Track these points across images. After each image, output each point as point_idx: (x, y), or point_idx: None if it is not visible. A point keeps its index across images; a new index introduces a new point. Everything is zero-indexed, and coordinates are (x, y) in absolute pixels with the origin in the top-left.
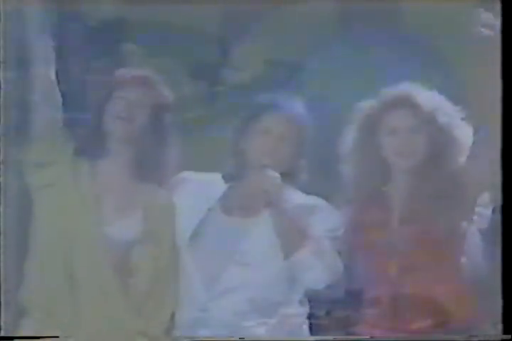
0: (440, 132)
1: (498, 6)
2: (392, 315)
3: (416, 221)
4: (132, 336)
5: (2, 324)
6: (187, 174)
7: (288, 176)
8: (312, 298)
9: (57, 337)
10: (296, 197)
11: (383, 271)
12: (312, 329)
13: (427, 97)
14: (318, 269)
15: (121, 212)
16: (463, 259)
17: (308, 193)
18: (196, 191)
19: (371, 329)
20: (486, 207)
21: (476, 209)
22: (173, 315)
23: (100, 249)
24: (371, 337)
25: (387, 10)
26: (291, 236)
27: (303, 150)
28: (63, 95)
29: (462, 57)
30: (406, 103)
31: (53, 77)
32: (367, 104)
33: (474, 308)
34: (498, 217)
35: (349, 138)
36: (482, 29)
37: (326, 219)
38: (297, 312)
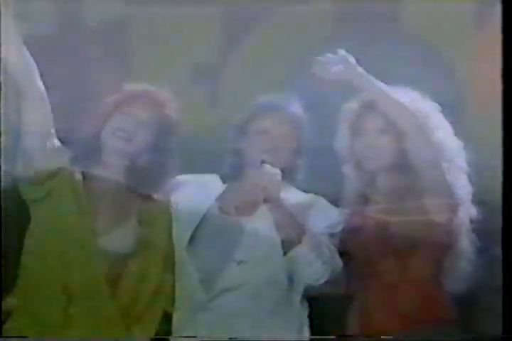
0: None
1: (498, 6)
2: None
3: (394, 224)
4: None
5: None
6: (184, 177)
7: (286, 175)
8: (312, 297)
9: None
10: (294, 195)
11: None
12: (312, 328)
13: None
14: (317, 264)
15: (115, 221)
16: (449, 260)
17: (305, 191)
18: (194, 193)
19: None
20: (469, 208)
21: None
22: (170, 316)
23: (94, 259)
24: (368, 337)
25: (387, 10)
26: (291, 231)
27: (301, 149)
28: (62, 100)
29: (462, 57)
30: (375, 106)
31: (41, 85)
32: (347, 107)
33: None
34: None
35: (338, 140)
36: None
37: (324, 216)
38: (297, 311)
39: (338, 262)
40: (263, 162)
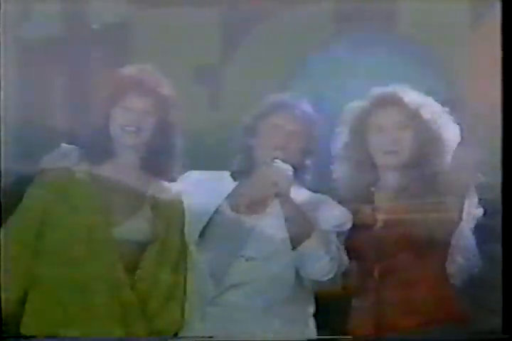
0: (426, 129)
1: (498, 6)
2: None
3: (402, 222)
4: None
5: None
6: (195, 173)
7: (296, 175)
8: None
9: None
10: (302, 195)
11: (370, 272)
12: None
13: (413, 96)
14: (325, 260)
15: (130, 212)
16: (450, 259)
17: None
18: (205, 189)
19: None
20: (475, 206)
21: (465, 208)
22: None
23: (110, 250)
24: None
25: (387, 10)
26: (300, 225)
27: (311, 148)
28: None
29: (462, 57)
30: (392, 101)
31: None
32: (355, 105)
33: (462, 309)
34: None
35: (340, 139)
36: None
37: (332, 215)
38: (304, 308)
39: (345, 260)
40: (275, 158)
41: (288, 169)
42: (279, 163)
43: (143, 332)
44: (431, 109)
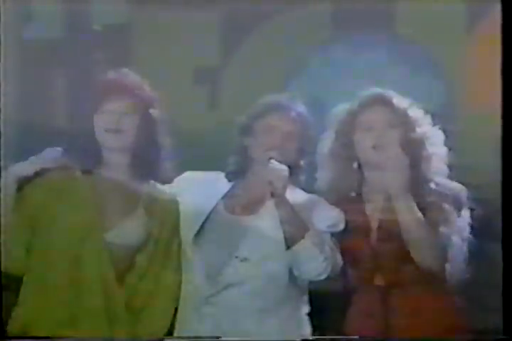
0: (413, 131)
1: (498, 6)
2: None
3: (393, 227)
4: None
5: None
6: (190, 174)
7: (290, 175)
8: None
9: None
10: (297, 195)
11: (366, 279)
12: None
13: (401, 99)
14: (319, 260)
15: (123, 215)
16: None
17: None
18: (200, 190)
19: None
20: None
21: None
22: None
23: (104, 253)
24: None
25: (385, 11)
26: (295, 226)
27: (306, 149)
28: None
29: (461, 58)
30: (381, 102)
31: None
32: (342, 108)
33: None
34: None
35: (326, 143)
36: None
37: (326, 216)
38: (298, 308)
39: (339, 260)
40: (271, 158)
41: (283, 169)
42: (274, 163)
43: (132, 331)
44: (417, 112)
